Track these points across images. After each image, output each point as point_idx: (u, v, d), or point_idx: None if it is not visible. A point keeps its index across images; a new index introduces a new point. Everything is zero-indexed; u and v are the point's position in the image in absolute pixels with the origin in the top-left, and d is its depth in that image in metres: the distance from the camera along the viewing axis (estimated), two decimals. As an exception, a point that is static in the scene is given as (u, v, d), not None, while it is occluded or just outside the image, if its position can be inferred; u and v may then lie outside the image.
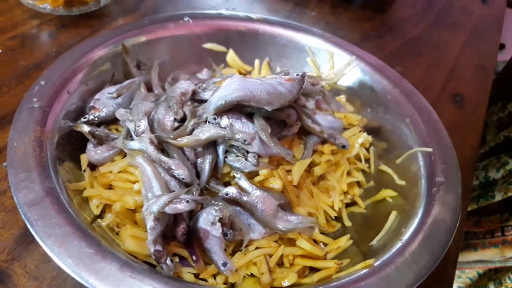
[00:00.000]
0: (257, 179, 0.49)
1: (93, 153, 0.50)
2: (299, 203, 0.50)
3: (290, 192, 0.50)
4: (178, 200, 0.40)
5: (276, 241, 0.48)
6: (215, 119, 0.47)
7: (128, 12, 0.84)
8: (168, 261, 0.40)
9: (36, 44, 0.74)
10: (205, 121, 0.48)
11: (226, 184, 0.49)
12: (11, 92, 0.65)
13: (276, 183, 0.49)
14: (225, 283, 0.44)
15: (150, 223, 0.40)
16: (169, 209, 0.40)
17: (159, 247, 0.39)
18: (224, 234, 0.44)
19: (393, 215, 0.50)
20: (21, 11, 0.79)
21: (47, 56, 0.72)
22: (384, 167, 0.57)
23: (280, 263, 0.47)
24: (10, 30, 0.75)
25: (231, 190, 0.45)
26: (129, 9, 0.85)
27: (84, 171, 0.49)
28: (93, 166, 0.50)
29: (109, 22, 0.81)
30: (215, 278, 0.44)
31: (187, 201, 0.40)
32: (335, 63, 0.66)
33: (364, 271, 0.41)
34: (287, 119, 0.52)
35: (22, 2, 0.78)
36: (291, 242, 0.47)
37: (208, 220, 0.43)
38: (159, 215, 0.40)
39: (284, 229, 0.46)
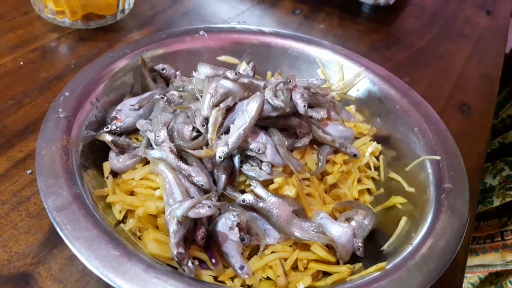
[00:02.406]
0: (271, 187, 0.50)
1: (115, 161, 0.52)
2: (312, 210, 0.52)
3: (303, 199, 0.52)
4: (200, 205, 0.42)
5: (290, 246, 0.49)
6: None
7: (143, 26, 0.87)
8: (190, 264, 0.42)
9: (55, 57, 0.77)
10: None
11: (242, 192, 0.51)
12: (33, 103, 0.67)
13: (290, 190, 0.51)
14: (242, 286, 0.45)
15: (173, 226, 0.42)
16: (192, 214, 0.42)
17: (181, 250, 0.41)
18: (242, 239, 0.46)
19: (403, 221, 0.52)
20: (41, 24, 0.82)
21: (67, 68, 0.75)
22: (393, 175, 0.59)
23: (294, 267, 0.49)
24: (31, 43, 0.78)
25: (248, 197, 0.47)
26: (144, 23, 0.88)
27: (107, 178, 0.51)
28: (114, 174, 0.53)
29: (125, 35, 0.84)
30: (233, 281, 0.45)
31: (209, 206, 0.43)
32: (344, 74, 0.68)
33: (377, 274, 0.42)
34: (298, 129, 0.54)
35: (42, 16, 0.81)
36: (305, 247, 0.49)
37: (227, 225, 0.45)
38: (183, 219, 0.42)
39: (300, 236, 0.48)
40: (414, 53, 0.95)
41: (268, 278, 0.47)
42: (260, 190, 0.49)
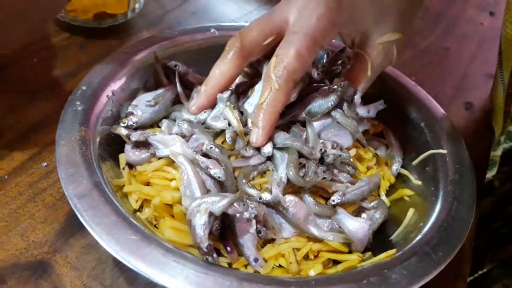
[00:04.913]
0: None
1: (131, 153, 0.53)
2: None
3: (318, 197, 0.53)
4: (239, 203, 0.44)
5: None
6: None
7: (152, 25, 0.89)
8: (214, 254, 0.43)
9: (68, 54, 0.78)
10: None
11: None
12: (47, 98, 0.69)
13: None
14: (255, 272, 0.47)
15: (204, 219, 0.43)
16: (231, 210, 0.44)
17: (210, 242, 0.43)
18: (258, 232, 0.47)
19: (410, 212, 0.53)
20: (53, 23, 0.84)
21: (79, 65, 0.76)
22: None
23: (305, 257, 0.50)
24: (44, 41, 0.80)
25: (265, 195, 0.48)
26: (153, 22, 0.90)
27: (123, 169, 0.53)
28: (130, 165, 0.54)
29: (135, 34, 0.86)
30: (246, 268, 0.47)
31: (244, 205, 0.44)
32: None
33: (387, 260, 0.43)
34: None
35: (54, 15, 0.82)
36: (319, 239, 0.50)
37: (244, 217, 0.46)
38: (220, 214, 0.44)
39: (316, 234, 0.49)
40: (418, 53, 0.96)
41: (280, 266, 0.49)
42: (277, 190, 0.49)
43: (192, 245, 0.45)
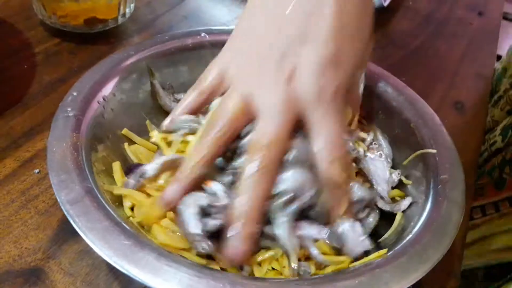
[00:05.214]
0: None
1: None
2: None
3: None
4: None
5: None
6: None
7: (143, 30, 0.89)
8: (209, 242, 0.44)
9: (58, 60, 0.78)
10: None
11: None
12: (38, 105, 0.69)
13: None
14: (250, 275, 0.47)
15: (196, 210, 0.46)
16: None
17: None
18: None
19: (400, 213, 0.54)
20: (43, 29, 0.84)
21: (70, 71, 0.76)
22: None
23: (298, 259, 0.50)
24: (34, 47, 0.80)
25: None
26: (144, 27, 0.90)
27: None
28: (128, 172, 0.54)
29: (126, 39, 0.86)
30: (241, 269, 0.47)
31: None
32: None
33: (378, 260, 0.44)
34: None
35: (44, 21, 0.82)
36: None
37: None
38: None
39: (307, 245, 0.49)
40: (408, 54, 0.97)
41: (273, 269, 0.49)
42: None
43: (185, 248, 0.45)
